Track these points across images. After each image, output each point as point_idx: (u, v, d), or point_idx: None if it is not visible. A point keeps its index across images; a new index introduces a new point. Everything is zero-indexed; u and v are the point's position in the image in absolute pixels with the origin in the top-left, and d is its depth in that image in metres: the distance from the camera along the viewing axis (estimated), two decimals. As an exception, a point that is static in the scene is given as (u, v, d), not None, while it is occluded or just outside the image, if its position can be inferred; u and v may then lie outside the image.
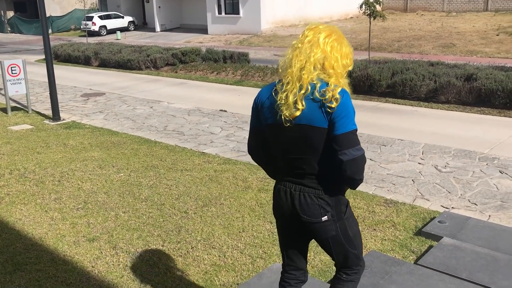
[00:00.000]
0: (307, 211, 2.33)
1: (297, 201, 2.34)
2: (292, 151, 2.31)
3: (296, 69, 2.22)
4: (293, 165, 2.34)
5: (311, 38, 2.24)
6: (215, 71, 14.88)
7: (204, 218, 5.11)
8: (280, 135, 2.31)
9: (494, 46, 17.40)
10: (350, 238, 2.46)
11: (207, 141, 8.09)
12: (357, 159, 2.22)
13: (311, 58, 2.21)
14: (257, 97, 2.43)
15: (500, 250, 4.19)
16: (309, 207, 2.32)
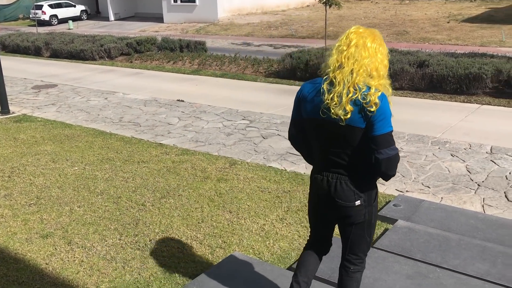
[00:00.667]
0: (342, 196, 2.54)
1: (333, 187, 2.55)
2: (331, 145, 2.51)
3: (347, 72, 2.37)
4: (330, 157, 2.54)
5: (357, 41, 2.40)
6: (172, 60, 14.65)
7: (162, 210, 5.04)
8: (321, 130, 2.51)
9: (445, 33, 17.92)
10: (371, 225, 2.69)
11: (164, 132, 7.98)
12: (392, 158, 2.40)
13: (361, 62, 2.36)
14: (300, 91, 2.59)
15: (452, 230, 4.34)
16: (344, 192, 2.53)
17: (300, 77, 11.66)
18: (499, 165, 5.99)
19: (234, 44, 18.93)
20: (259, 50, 17.28)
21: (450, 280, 3.52)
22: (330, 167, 2.55)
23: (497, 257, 3.82)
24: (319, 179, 2.60)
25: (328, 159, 2.55)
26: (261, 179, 5.79)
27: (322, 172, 2.59)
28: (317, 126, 2.51)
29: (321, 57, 11.48)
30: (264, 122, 8.28)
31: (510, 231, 4.29)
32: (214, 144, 7.23)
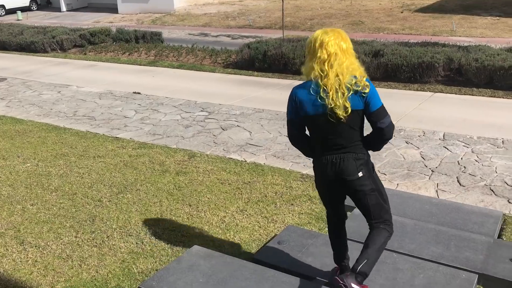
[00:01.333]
0: (346, 172, 2.90)
1: (338, 166, 2.90)
2: (334, 133, 2.88)
3: (333, 78, 2.77)
4: (334, 143, 2.91)
5: (334, 50, 2.78)
6: (127, 52, 14.31)
7: (119, 205, 4.93)
8: (322, 124, 2.86)
9: (399, 23, 18.31)
10: (381, 191, 3.05)
11: (120, 125, 7.80)
12: (390, 123, 2.93)
13: (342, 65, 2.77)
14: (294, 96, 2.92)
15: (407, 216, 4.45)
16: (348, 168, 2.89)
17: (258, 68, 11.64)
18: (451, 151, 6.19)
19: (191, 34, 18.69)
20: (217, 40, 17.13)
21: (406, 265, 3.61)
22: (333, 150, 2.92)
23: (451, 240, 3.94)
24: (324, 162, 2.93)
25: (331, 144, 2.91)
26: (221, 171, 5.76)
27: (326, 156, 2.93)
28: (319, 120, 2.86)
29: (278, 48, 11.49)
30: (223, 113, 8.23)
31: (462, 214, 4.45)
32: (172, 137, 7.13)
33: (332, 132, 2.88)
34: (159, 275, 3.52)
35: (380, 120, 2.88)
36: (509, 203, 4.81)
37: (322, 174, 3.00)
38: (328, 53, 2.77)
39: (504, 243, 3.94)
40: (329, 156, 2.93)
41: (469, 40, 13.76)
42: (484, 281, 3.52)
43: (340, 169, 2.90)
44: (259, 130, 7.30)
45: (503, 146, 6.29)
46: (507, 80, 8.91)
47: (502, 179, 5.33)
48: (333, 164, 2.92)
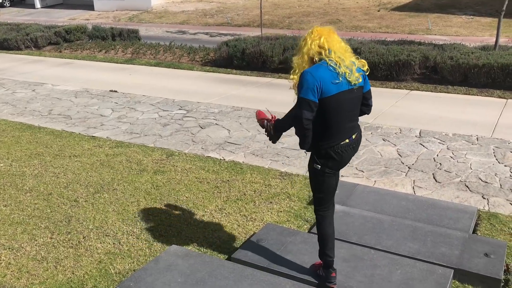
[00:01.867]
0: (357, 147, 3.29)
1: (355, 144, 3.22)
2: (353, 108, 3.12)
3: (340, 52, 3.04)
4: (350, 122, 3.14)
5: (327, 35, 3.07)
6: (104, 49, 14.11)
7: (96, 205, 4.86)
8: (345, 100, 3.04)
9: (376, 22, 18.49)
10: None
11: (97, 124, 7.68)
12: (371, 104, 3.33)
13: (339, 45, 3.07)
14: (314, 79, 2.96)
15: (385, 212, 4.50)
16: (358, 143, 3.28)
17: (237, 66, 11.61)
18: (427, 148, 6.28)
19: (169, 32, 18.54)
20: (195, 38, 17.03)
21: (384, 261, 3.65)
22: (350, 132, 3.15)
23: (427, 236, 4.00)
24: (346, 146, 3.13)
25: (348, 124, 3.13)
26: (199, 170, 5.72)
27: (348, 135, 3.14)
28: (342, 97, 3.02)
29: (257, 46, 11.48)
30: (202, 111, 8.19)
31: (438, 210, 4.51)
32: (150, 136, 7.06)
33: (350, 109, 3.11)
34: (137, 275, 3.48)
35: (371, 98, 3.29)
36: (484, 199, 4.90)
37: (342, 157, 3.15)
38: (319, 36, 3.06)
39: (478, 238, 4.01)
40: (337, 146, 3.10)
41: (444, 39, 13.98)
42: (460, 275, 3.58)
43: (355, 146, 3.24)
44: (237, 128, 7.28)
45: (478, 142, 6.41)
46: (481, 77, 9.08)
47: (477, 175, 5.43)
48: (352, 146, 3.19)
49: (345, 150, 3.14)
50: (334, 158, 3.12)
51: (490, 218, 4.48)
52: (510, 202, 4.81)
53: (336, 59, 2.99)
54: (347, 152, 3.17)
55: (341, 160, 3.17)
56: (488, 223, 4.39)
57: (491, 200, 4.88)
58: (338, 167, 3.26)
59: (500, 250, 3.79)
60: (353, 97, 3.09)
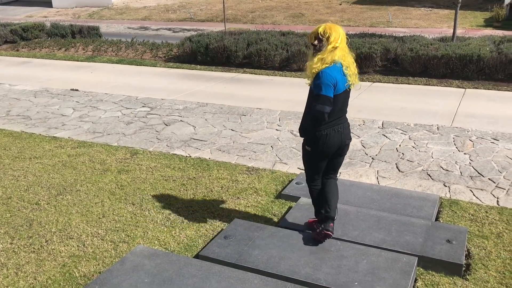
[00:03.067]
0: (348, 136, 3.71)
1: (345, 131, 3.65)
2: (345, 104, 3.64)
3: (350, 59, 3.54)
4: (342, 114, 3.62)
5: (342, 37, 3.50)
6: (63, 47, 13.75)
7: (58, 207, 4.74)
8: (346, 95, 3.60)
9: (338, 15, 18.68)
10: None
11: (58, 124, 7.48)
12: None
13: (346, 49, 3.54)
14: (331, 77, 3.42)
15: (350, 203, 4.56)
16: (348, 132, 3.71)
17: (201, 61, 11.52)
18: (390, 139, 6.39)
19: (131, 28, 18.22)
20: (158, 34, 16.80)
21: (350, 251, 3.69)
22: (340, 118, 3.61)
23: (391, 225, 4.08)
24: (333, 131, 3.57)
25: (340, 115, 3.61)
26: (165, 168, 5.66)
27: (336, 124, 3.58)
28: (345, 94, 3.56)
29: (220, 41, 11.41)
30: (166, 108, 8.09)
31: (402, 199, 4.61)
32: (113, 134, 6.92)
33: (345, 104, 3.64)
34: (102, 277, 3.41)
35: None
36: (445, 187, 5.04)
37: (330, 143, 3.58)
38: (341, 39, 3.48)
39: (441, 225, 4.11)
40: (338, 126, 3.60)
41: (404, 31, 14.26)
42: (424, 262, 3.67)
43: (346, 134, 3.66)
44: (203, 124, 7.23)
45: (438, 132, 6.57)
46: (440, 68, 9.31)
47: (438, 164, 5.57)
48: (340, 132, 3.60)
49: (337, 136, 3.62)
50: (325, 141, 3.59)
51: (451, 205, 4.60)
52: (470, 189, 4.96)
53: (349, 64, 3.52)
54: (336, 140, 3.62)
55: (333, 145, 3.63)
56: (450, 210, 4.51)
57: (452, 187, 5.01)
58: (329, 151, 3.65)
59: (461, 236, 3.90)
60: (348, 95, 3.66)
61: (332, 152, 3.65)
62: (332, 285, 3.31)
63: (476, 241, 3.99)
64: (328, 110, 3.44)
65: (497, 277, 3.53)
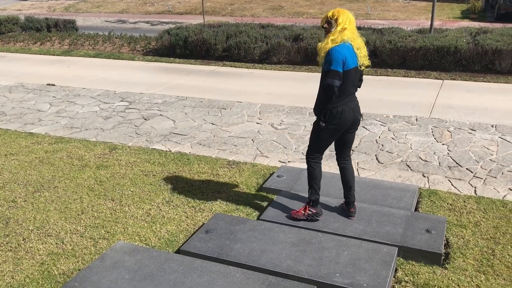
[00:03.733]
0: (359, 112, 3.92)
1: (357, 108, 3.88)
2: (355, 83, 3.84)
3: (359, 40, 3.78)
4: (353, 91, 3.85)
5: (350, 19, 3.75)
6: (39, 41, 13.48)
7: (36, 205, 4.65)
8: (356, 73, 3.78)
9: (317, 7, 18.70)
10: None
11: (34, 119, 7.33)
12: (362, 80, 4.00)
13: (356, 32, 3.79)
14: (340, 54, 3.63)
15: (331, 195, 4.58)
16: (359, 108, 3.91)
17: (180, 54, 11.42)
18: (369, 130, 6.44)
19: (108, 22, 17.96)
20: (135, 27, 16.60)
21: (331, 243, 3.71)
22: (352, 96, 3.83)
23: (372, 216, 4.11)
24: (348, 109, 3.79)
25: (352, 92, 3.83)
26: (145, 163, 5.60)
27: (348, 101, 3.80)
28: (355, 70, 3.75)
29: (199, 34, 11.32)
30: (145, 102, 8.00)
31: (381, 191, 4.64)
32: (91, 129, 6.82)
33: (354, 81, 3.81)
34: (82, 275, 3.36)
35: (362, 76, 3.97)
36: (424, 177, 5.10)
37: (344, 118, 3.79)
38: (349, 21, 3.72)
39: (420, 216, 4.16)
40: (350, 103, 3.82)
41: (383, 23, 14.35)
42: (404, 252, 3.70)
43: (357, 110, 3.87)
44: (183, 118, 7.17)
45: (417, 123, 6.64)
46: (418, 60, 9.41)
47: (417, 155, 5.63)
48: (353, 109, 3.83)
49: (350, 111, 3.83)
50: (339, 116, 3.78)
51: (430, 196, 4.66)
52: (448, 179, 5.03)
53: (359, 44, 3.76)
54: (350, 114, 3.83)
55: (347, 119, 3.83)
56: (429, 200, 4.57)
57: (431, 178, 5.08)
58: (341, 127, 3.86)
59: (440, 226, 3.95)
60: (360, 72, 3.86)
61: (346, 127, 3.87)
62: (313, 277, 3.32)
63: (455, 231, 4.05)
64: (338, 84, 3.64)
65: (475, 265, 3.59)
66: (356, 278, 3.30)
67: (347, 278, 3.30)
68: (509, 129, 6.32)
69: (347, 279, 3.29)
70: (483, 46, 9.09)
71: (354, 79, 3.79)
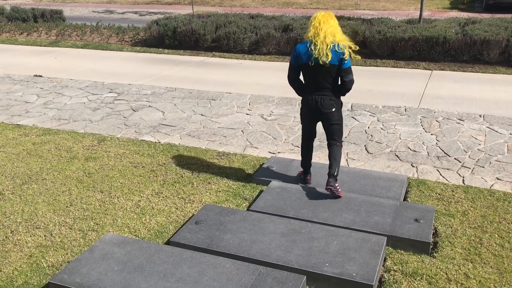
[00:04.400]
0: (325, 107, 4.22)
1: (319, 102, 4.21)
2: (319, 77, 4.14)
3: (322, 37, 4.03)
4: (319, 85, 4.18)
5: (324, 20, 4.07)
6: (25, 32, 13.30)
7: (24, 197, 4.61)
8: (312, 70, 4.12)
9: (306, -2, 18.62)
10: (341, 122, 4.40)
11: (21, 111, 7.25)
12: (351, 79, 4.16)
13: (327, 30, 4.04)
14: (296, 50, 4.16)
15: (321, 185, 4.59)
16: (326, 104, 4.21)
17: (168, 45, 11.34)
18: (359, 121, 6.45)
19: (96, 12, 17.76)
20: (124, 18, 16.43)
21: (321, 233, 3.73)
22: (317, 91, 4.20)
23: (361, 206, 4.13)
24: (311, 99, 4.23)
25: (316, 86, 4.19)
26: (134, 154, 5.56)
27: (312, 95, 4.22)
28: (311, 68, 4.10)
29: (188, 24, 11.24)
30: (134, 93, 7.94)
31: (371, 181, 4.67)
32: (80, 121, 6.76)
33: (317, 76, 4.13)
34: (71, 267, 3.34)
35: (346, 75, 4.12)
36: (413, 167, 5.13)
37: (309, 107, 4.28)
38: (319, 21, 4.06)
39: (409, 205, 4.19)
40: (314, 95, 4.21)
41: (372, 13, 14.35)
42: (393, 242, 3.73)
43: (321, 104, 4.21)
44: (172, 109, 7.14)
45: (406, 113, 6.67)
46: (407, 50, 9.43)
47: (406, 145, 5.66)
48: (316, 101, 4.21)
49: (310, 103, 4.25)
50: (305, 105, 4.33)
51: (419, 185, 4.69)
52: (437, 169, 5.06)
53: (318, 41, 4.02)
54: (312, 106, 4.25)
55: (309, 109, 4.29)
56: (418, 190, 4.60)
57: (419, 167, 5.11)
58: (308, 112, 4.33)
59: (428, 215, 3.98)
60: (322, 70, 4.08)
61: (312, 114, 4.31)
62: (303, 267, 3.34)
63: (443, 220, 4.08)
64: (291, 75, 4.27)
65: (462, 253, 3.63)
66: (345, 267, 3.32)
67: (336, 267, 3.32)
68: (496, 119, 6.37)
69: (336, 268, 3.31)
70: (472, 36, 9.13)
71: (313, 74, 4.12)
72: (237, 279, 3.18)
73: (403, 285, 3.30)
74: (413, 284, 3.31)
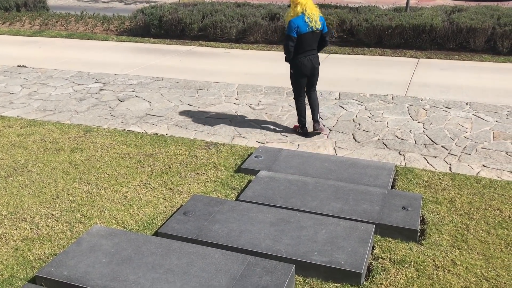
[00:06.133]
0: (317, 62, 5.42)
1: (313, 60, 5.37)
2: (313, 41, 5.31)
3: (310, 11, 5.19)
4: (310, 47, 5.32)
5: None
6: (8, 21, 13.04)
7: (9, 189, 4.54)
8: (309, 36, 5.23)
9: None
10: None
11: (5, 102, 7.13)
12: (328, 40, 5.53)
13: (311, 6, 5.23)
14: (295, 24, 5.16)
15: (309, 174, 4.59)
16: (317, 60, 5.42)
17: (155, 34, 11.21)
18: (346, 110, 6.46)
19: (80, 1, 17.48)
20: (109, 6, 16.20)
21: (309, 222, 3.73)
22: (310, 51, 5.33)
23: (349, 195, 4.14)
24: (307, 60, 5.34)
25: (309, 49, 5.31)
26: (121, 145, 5.51)
27: (308, 56, 5.33)
28: (309, 34, 5.22)
29: (174, 13, 11.11)
30: (120, 83, 7.85)
31: (358, 169, 4.68)
32: (65, 112, 6.67)
33: (311, 42, 5.28)
34: (58, 259, 3.31)
35: (327, 36, 5.43)
36: (400, 155, 5.15)
37: (305, 66, 5.34)
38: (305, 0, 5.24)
39: (396, 193, 4.21)
40: (309, 56, 5.33)
41: (359, 1, 14.30)
42: (381, 230, 3.75)
43: (315, 61, 5.39)
44: (159, 99, 7.07)
45: (393, 101, 6.69)
46: (394, 39, 9.43)
47: (393, 133, 5.68)
48: (311, 60, 5.35)
49: (306, 62, 5.35)
50: (300, 66, 5.36)
51: (406, 173, 4.72)
52: (424, 157, 5.09)
53: (311, 14, 5.17)
54: (308, 64, 5.36)
55: (305, 68, 5.36)
56: (405, 178, 4.63)
57: (407, 156, 5.13)
58: (304, 71, 5.39)
59: (416, 203, 4.01)
60: (315, 35, 5.28)
61: (307, 72, 5.38)
62: (292, 256, 3.34)
63: (430, 207, 4.12)
64: (291, 44, 5.20)
65: (449, 240, 3.67)
66: (334, 256, 3.33)
67: (325, 256, 3.33)
68: (482, 106, 6.42)
69: (325, 257, 3.32)
70: (458, 24, 9.16)
71: (310, 40, 5.26)
72: (226, 269, 3.18)
73: (391, 273, 3.33)
74: (401, 272, 3.33)
